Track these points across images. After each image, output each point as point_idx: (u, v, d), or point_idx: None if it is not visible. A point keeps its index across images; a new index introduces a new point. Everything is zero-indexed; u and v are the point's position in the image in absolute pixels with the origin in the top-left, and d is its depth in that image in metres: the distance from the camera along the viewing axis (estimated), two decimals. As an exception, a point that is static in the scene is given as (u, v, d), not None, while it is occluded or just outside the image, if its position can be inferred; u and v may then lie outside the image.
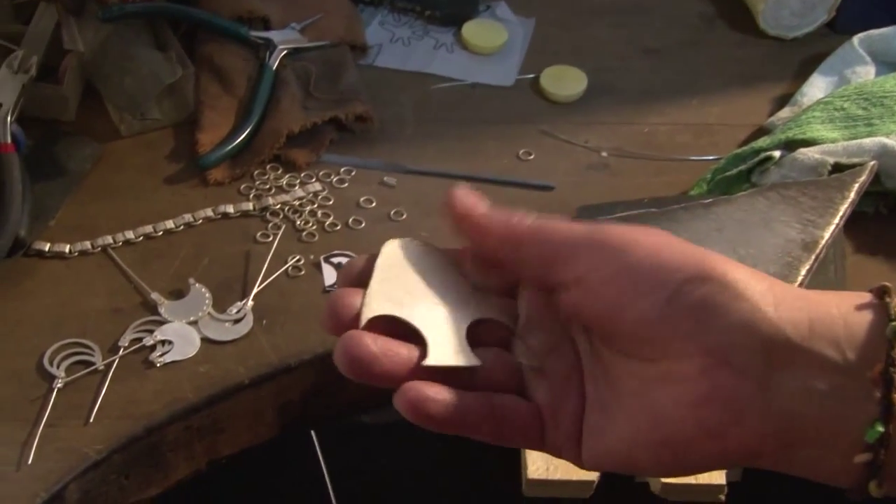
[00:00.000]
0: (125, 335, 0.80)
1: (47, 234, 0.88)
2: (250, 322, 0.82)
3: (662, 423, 0.51)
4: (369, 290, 0.56)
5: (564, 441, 0.54)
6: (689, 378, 0.50)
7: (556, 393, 0.55)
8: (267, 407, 0.80)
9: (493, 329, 0.57)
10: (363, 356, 0.53)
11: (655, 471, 0.53)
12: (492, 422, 0.54)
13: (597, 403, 0.54)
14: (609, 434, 0.53)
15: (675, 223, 0.84)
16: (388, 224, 0.90)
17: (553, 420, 0.54)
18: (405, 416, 0.53)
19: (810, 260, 0.81)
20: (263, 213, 0.91)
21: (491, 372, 0.56)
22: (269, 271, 0.85)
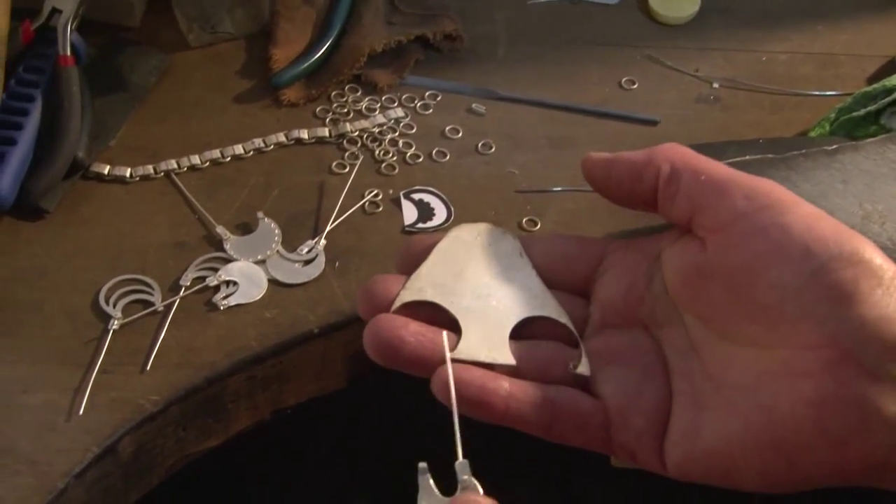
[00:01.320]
0: (187, 273, 0.74)
1: (107, 155, 0.82)
2: (322, 264, 0.75)
3: (776, 423, 0.45)
4: (416, 272, 0.54)
5: (637, 441, 0.50)
6: (812, 373, 0.44)
7: (629, 390, 0.50)
8: (336, 357, 0.74)
9: (555, 327, 0.53)
10: (390, 339, 0.51)
11: (758, 480, 0.47)
12: (543, 414, 0.50)
13: (689, 401, 0.49)
14: (705, 434, 0.47)
15: (794, 172, 0.75)
16: (475, 157, 0.83)
17: (622, 418, 0.50)
18: (440, 400, 0.50)
19: (949, 220, 0.72)
20: (340, 141, 0.83)
21: (544, 367, 0.52)
22: (344, 206, 0.78)
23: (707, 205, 0.49)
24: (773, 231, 0.46)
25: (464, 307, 0.53)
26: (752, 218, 0.47)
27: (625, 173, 0.53)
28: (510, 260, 0.55)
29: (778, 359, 0.46)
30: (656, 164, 0.51)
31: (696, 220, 0.50)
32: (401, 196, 0.79)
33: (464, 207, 0.79)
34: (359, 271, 0.75)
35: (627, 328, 0.52)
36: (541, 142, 0.84)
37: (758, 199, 0.48)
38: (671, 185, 0.51)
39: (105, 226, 0.77)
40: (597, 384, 0.51)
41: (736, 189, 0.48)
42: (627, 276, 0.53)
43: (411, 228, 0.77)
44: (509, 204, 0.79)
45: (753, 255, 0.47)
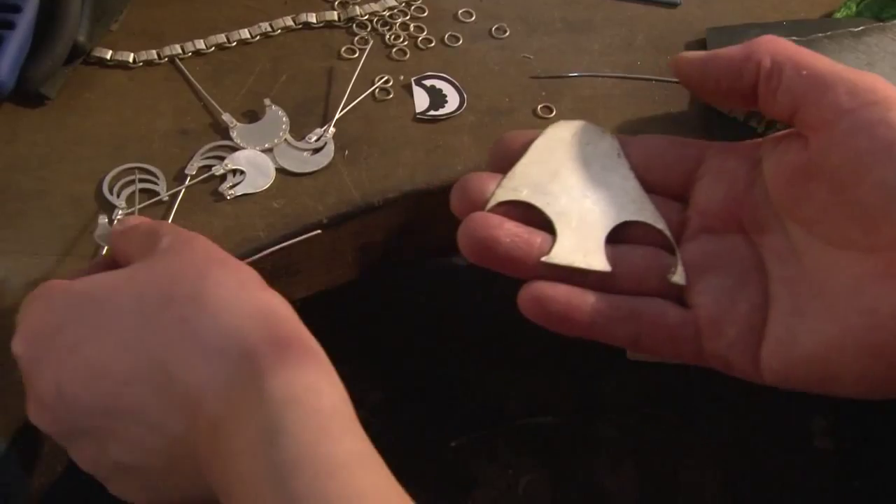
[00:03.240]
0: (192, 162, 0.72)
1: (109, 39, 0.79)
2: (331, 152, 0.73)
3: (877, 326, 0.44)
4: (512, 170, 0.52)
5: (731, 350, 0.49)
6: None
7: (723, 298, 0.50)
8: (346, 248, 0.72)
9: (651, 232, 0.52)
10: (485, 238, 0.50)
11: (857, 385, 0.46)
12: (630, 328, 0.50)
13: (788, 305, 0.48)
14: (804, 339, 0.47)
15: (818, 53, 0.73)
16: (489, 42, 0.80)
17: (715, 328, 0.49)
18: (527, 316, 0.50)
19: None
20: (349, 25, 0.80)
21: (639, 274, 0.51)
22: (354, 93, 0.76)
23: (810, 101, 0.47)
24: (878, 128, 0.45)
25: (559, 209, 0.51)
26: (857, 115, 0.45)
27: (723, 71, 0.51)
28: (608, 160, 0.53)
29: (881, 262, 0.45)
30: (756, 58, 0.49)
31: (799, 117, 0.48)
32: (412, 82, 0.77)
33: (477, 94, 0.76)
34: (369, 160, 0.72)
35: (725, 234, 0.52)
36: (557, 25, 0.81)
37: (862, 94, 0.46)
38: (772, 81, 0.49)
39: (108, 113, 0.75)
40: (691, 294, 0.51)
41: (840, 84, 0.47)
42: (727, 181, 0.52)
43: (423, 116, 0.75)
44: (524, 90, 0.76)
45: (857, 154, 0.45)
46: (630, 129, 0.74)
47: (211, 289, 0.48)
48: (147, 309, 0.48)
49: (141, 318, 0.48)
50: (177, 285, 0.48)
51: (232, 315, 0.47)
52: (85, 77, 0.77)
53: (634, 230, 0.52)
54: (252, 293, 0.49)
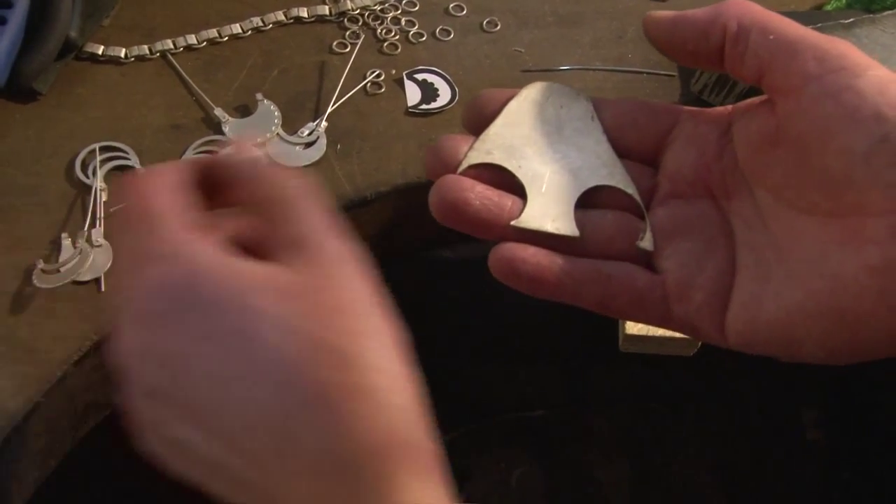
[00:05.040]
0: (185, 156, 0.72)
1: (101, 34, 0.79)
2: (323, 146, 0.73)
3: (839, 291, 0.44)
4: (485, 132, 0.52)
5: (698, 314, 0.49)
6: (878, 240, 0.43)
7: (690, 263, 0.49)
8: (339, 242, 0.73)
9: (622, 197, 0.51)
10: (455, 200, 0.49)
11: (819, 350, 0.46)
12: (597, 290, 0.49)
13: (753, 271, 0.48)
14: (768, 303, 0.46)
15: (810, 48, 0.73)
16: (480, 35, 0.80)
17: (681, 292, 0.49)
18: (496, 277, 0.49)
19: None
20: (340, 19, 0.81)
21: (608, 238, 0.51)
22: (346, 87, 0.76)
23: (777, 66, 0.47)
24: (844, 95, 0.44)
25: (531, 172, 0.51)
26: (824, 81, 0.45)
27: (689, 32, 0.50)
28: (581, 123, 0.53)
29: (845, 227, 0.45)
30: (722, 21, 0.49)
31: (766, 81, 0.48)
32: (403, 76, 0.77)
33: (468, 87, 0.76)
34: (361, 153, 0.73)
35: (694, 199, 0.51)
36: (548, 19, 0.81)
37: (830, 61, 0.45)
38: (739, 44, 0.48)
39: (100, 108, 0.75)
40: (659, 258, 0.50)
41: (807, 50, 0.46)
42: (698, 146, 0.52)
43: (414, 110, 0.75)
44: (515, 83, 0.76)
45: (823, 120, 0.45)
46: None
47: (373, 378, 0.42)
48: (293, 359, 0.41)
49: (283, 371, 0.41)
50: (333, 352, 0.41)
51: (390, 421, 0.42)
52: (77, 72, 0.77)
53: (605, 195, 0.52)
54: (408, 394, 0.43)
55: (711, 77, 0.72)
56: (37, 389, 0.61)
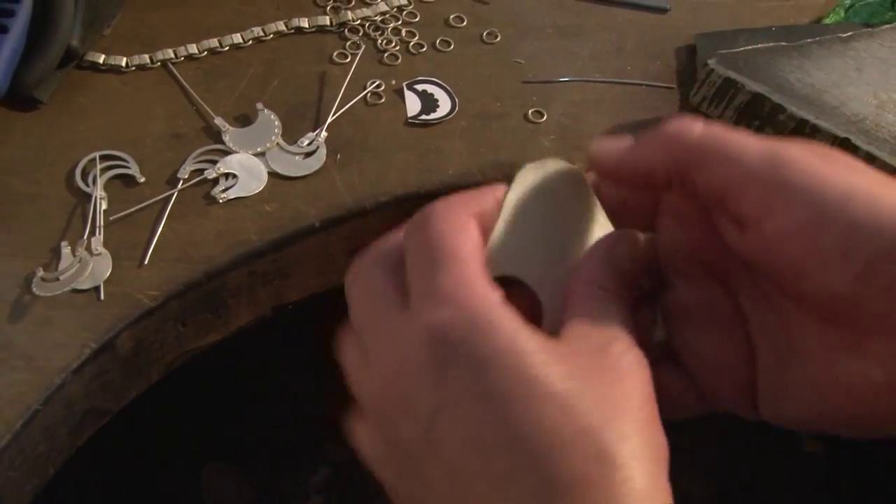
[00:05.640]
0: (185, 166, 0.72)
1: (102, 44, 0.79)
2: (323, 156, 0.73)
3: (853, 401, 0.42)
4: (490, 240, 0.47)
5: (729, 404, 0.47)
6: (883, 357, 0.41)
7: (710, 354, 0.47)
8: (338, 252, 0.73)
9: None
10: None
11: (848, 434, 0.44)
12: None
13: (773, 358, 0.45)
14: (791, 401, 0.44)
15: (808, 60, 0.73)
16: (480, 47, 0.80)
17: (711, 388, 0.47)
18: None
19: (967, 113, 0.70)
20: (341, 30, 0.81)
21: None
22: (346, 98, 0.76)
23: (729, 201, 0.43)
24: (806, 232, 0.41)
25: (541, 277, 0.48)
26: (781, 218, 0.41)
27: (632, 176, 0.47)
28: (583, 209, 0.50)
29: (850, 339, 0.42)
30: (662, 170, 0.45)
31: (723, 212, 0.44)
32: (404, 87, 0.77)
33: (468, 98, 0.76)
34: (361, 164, 0.73)
35: (697, 278, 0.48)
36: (547, 31, 0.81)
37: (784, 195, 0.41)
38: (686, 185, 0.45)
39: (101, 116, 0.75)
40: (679, 348, 0.48)
41: (758, 186, 0.42)
42: (686, 223, 0.48)
43: (414, 120, 0.75)
44: (515, 95, 0.77)
45: (796, 260, 0.42)
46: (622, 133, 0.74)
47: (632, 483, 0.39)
48: (568, 441, 0.39)
49: (554, 451, 0.39)
50: (606, 448, 0.39)
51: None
52: (78, 81, 0.77)
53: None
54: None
55: (710, 90, 0.72)
56: (35, 397, 0.61)
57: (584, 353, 0.41)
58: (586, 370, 0.40)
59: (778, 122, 0.70)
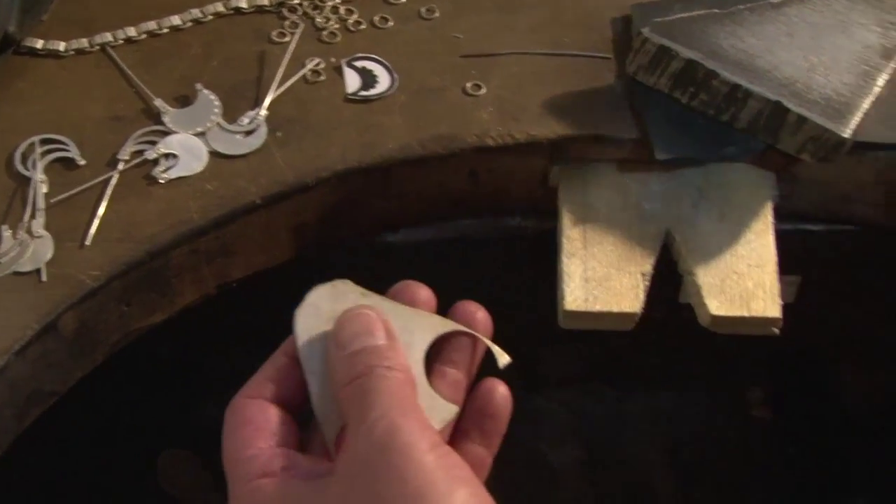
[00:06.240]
0: (125, 147, 0.72)
1: (40, 29, 0.79)
2: (263, 134, 0.74)
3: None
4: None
5: None
6: None
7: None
8: (281, 228, 0.73)
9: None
10: None
11: None
12: None
13: None
14: None
15: (740, 27, 0.74)
16: (419, 23, 0.81)
17: None
18: None
19: (888, 68, 0.72)
20: (280, 10, 0.81)
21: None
22: (286, 76, 0.76)
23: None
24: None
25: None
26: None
27: None
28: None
29: None
30: None
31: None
32: (343, 64, 0.78)
33: (408, 74, 0.77)
34: (301, 141, 0.73)
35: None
36: (486, 4, 0.82)
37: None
38: None
39: (40, 101, 0.75)
40: None
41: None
42: None
43: (354, 97, 0.76)
44: (454, 69, 0.77)
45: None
46: (560, 104, 0.75)
47: None
48: None
49: None
50: None
51: None
52: (16, 67, 0.77)
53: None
54: None
55: (645, 58, 0.73)
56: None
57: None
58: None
59: (711, 88, 0.71)
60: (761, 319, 0.70)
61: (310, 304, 0.54)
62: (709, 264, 0.71)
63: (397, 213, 0.76)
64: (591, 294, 0.70)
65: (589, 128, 0.74)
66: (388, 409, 0.47)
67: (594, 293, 0.70)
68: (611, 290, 0.71)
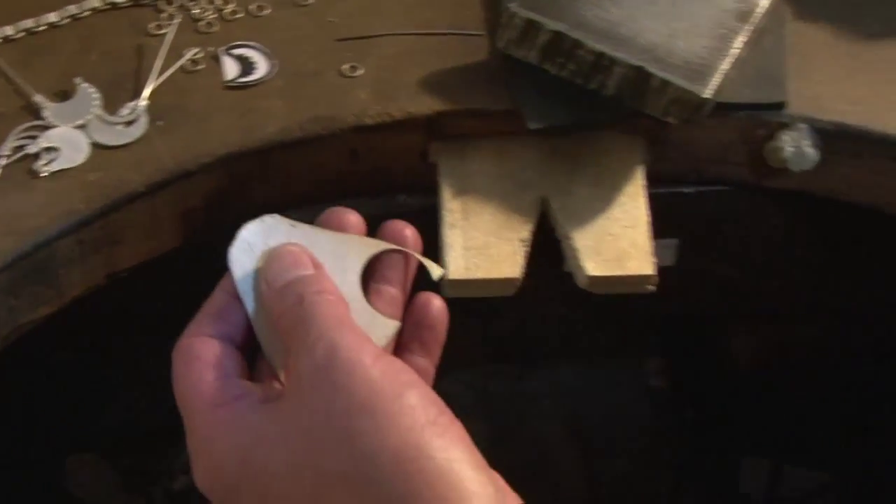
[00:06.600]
0: (5, 143, 0.73)
1: (-84, 32, 0.80)
2: (144, 124, 0.75)
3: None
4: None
5: None
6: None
7: None
8: (166, 216, 0.74)
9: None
10: None
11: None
12: None
13: None
14: None
15: None
16: (295, 10, 0.82)
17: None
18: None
19: (745, 30, 0.75)
20: (156, 3, 0.82)
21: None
22: (165, 67, 0.77)
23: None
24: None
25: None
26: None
27: None
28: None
29: None
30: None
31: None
32: (221, 52, 0.79)
33: (285, 59, 0.79)
34: (182, 129, 0.74)
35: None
36: (359, -10, 0.84)
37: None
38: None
39: (-82, 102, 0.76)
40: None
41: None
42: None
43: (232, 83, 0.77)
44: (330, 52, 0.79)
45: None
46: (435, 81, 0.77)
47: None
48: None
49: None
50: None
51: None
52: None
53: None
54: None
55: (514, 33, 0.75)
56: None
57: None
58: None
59: (578, 57, 0.74)
60: (637, 277, 0.73)
61: (242, 241, 0.55)
62: (584, 228, 0.74)
63: (282, 196, 0.77)
64: (472, 262, 0.72)
65: (464, 103, 0.76)
66: (325, 329, 0.48)
67: (475, 261, 0.73)
68: (491, 258, 0.73)
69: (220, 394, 0.50)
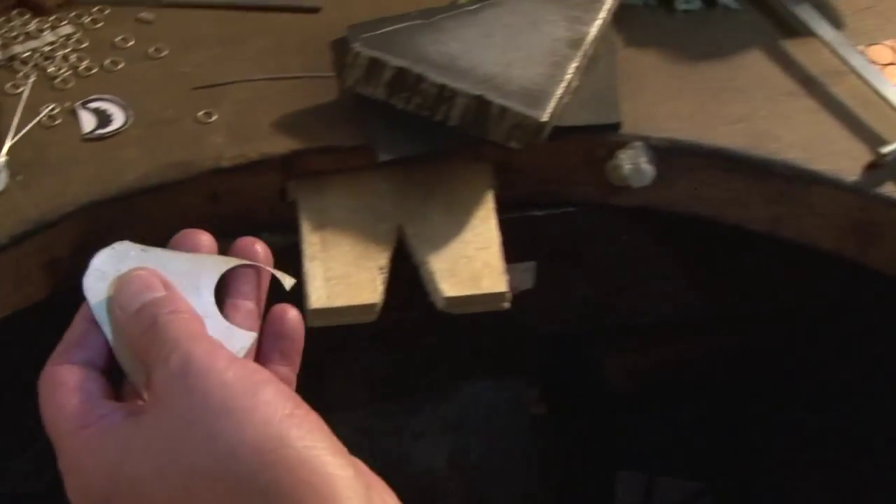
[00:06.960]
0: None
1: None
2: (4, 179, 0.76)
3: None
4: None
5: None
6: None
7: None
8: (33, 266, 0.76)
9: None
10: None
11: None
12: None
13: None
14: None
15: (442, 33, 0.81)
16: (149, 62, 0.85)
17: None
18: None
19: (577, 57, 0.80)
20: (10, 63, 0.84)
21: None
22: (22, 124, 0.79)
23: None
24: None
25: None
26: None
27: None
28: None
29: None
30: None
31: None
32: (76, 107, 0.81)
33: (141, 110, 0.81)
34: (42, 181, 0.76)
35: None
36: (210, 40, 0.87)
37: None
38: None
39: None
40: None
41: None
42: None
43: (90, 136, 0.79)
44: (185, 101, 0.82)
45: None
46: (289, 122, 0.80)
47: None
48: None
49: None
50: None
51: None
52: None
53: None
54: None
55: (360, 72, 0.79)
56: None
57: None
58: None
59: (422, 91, 0.77)
60: (491, 295, 0.76)
61: (94, 270, 0.56)
62: (439, 252, 0.77)
63: (148, 242, 0.79)
64: (334, 291, 0.75)
65: (317, 140, 0.79)
66: (178, 341, 0.50)
67: (336, 290, 0.75)
68: (351, 286, 0.76)
69: (84, 416, 0.52)
